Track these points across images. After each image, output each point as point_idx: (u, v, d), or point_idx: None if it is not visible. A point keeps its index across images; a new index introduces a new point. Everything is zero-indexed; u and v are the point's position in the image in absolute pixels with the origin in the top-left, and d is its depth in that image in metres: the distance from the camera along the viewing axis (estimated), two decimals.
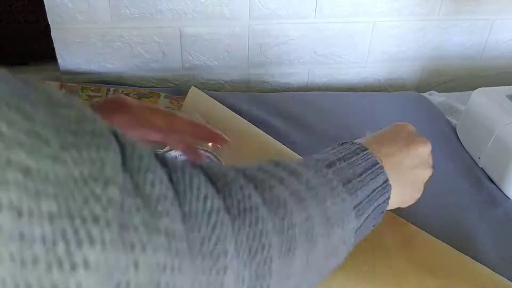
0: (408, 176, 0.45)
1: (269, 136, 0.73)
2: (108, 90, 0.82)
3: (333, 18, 0.89)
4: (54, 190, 0.18)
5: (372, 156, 0.41)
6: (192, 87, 0.83)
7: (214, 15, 0.85)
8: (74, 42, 0.85)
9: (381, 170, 0.40)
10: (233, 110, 0.79)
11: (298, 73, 0.95)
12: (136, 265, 0.20)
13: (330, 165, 0.38)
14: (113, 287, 0.19)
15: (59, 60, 0.87)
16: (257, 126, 0.77)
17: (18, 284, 0.16)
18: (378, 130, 0.49)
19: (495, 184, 0.70)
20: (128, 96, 0.81)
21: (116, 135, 0.23)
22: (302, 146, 0.72)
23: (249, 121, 0.77)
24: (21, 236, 0.17)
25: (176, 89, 0.86)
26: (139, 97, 0.81)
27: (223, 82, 0.94)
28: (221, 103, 0.81)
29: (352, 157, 0.40)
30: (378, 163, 0.41)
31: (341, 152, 0.40)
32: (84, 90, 0.81)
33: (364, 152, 0.41)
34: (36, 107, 0.19)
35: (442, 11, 0.91)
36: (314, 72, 0.95)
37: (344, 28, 0.90)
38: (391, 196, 0.41)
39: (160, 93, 0.83)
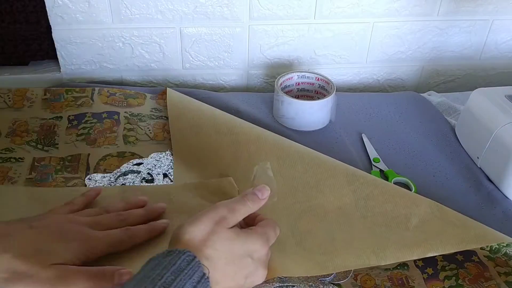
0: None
1: (257, 126, 0.72)
2: (93, 89, 0.82)
3: (332, 19, 0.89)
4: None
5: (198, 269, 0.39)
6: (167, 88, 0.83)
7: (214, 15, 0.86)
8: (74, 42, 0.85)
9: (207, 282, 0.40)
10: (233, 110, 0.79)
11: None
12: None
13: None
14: None
15: (60, 60, 0.87)
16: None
17: None
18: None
19: (494, 184, 0.70)
20: (114, 96, 0.81)
21: None
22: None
23: (248, 122, 0.77)
24: None
25: (162, 89, 0.86)
26: (126, 97, 0.81)
27: (223, 82, 0.95)
28: (221, 103, 0.82)
29: (178, 276, 0.38)
30: (204, 274, 0.40)
31: (167, 273, 0.38)
32: (69, 92, 0.81)
33: (191, 265, 0.39)
34: None
35: (441, 11, 0.91)
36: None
37: (344, 28, 0.91)
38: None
39: (146, 94, 0.83)
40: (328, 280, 0.54)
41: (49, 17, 0.82)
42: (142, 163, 0.68)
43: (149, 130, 0.75)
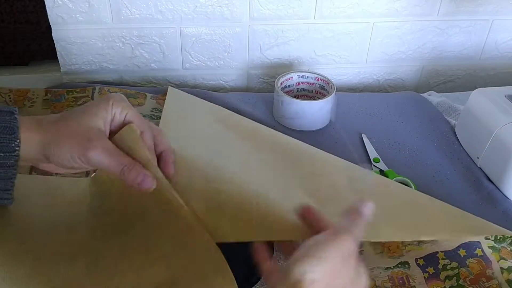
0: None
1: (257, 123, 0.71)
2: (94, 89, 0.82)
3: (332, 19, 0.89)
4: None
5: None
6: (169, 87, 0.82)
7: (214, 15, 0.86)
8: (75, 42, 0.85)
9: None
10: (233, 110, 0.79)
11: None
12: None
13: None
14: None
15: (60, 60, 0.87)
16: None
17: None
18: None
19: (494, 184, 0.70)
20: None
21: None
22: None
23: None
24: None
25: (162, 89, 0.86)
26: (126, 97, 0.80)
27: (223, 82, 0.95)
28: (221, 103, 0.81)
29: None
30: None
31: None
32: (70, 93, 0.81)
33: None
34: None
35: (441, 11, 0.92)
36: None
37: (344, 28, 0.91)
38: None
39: (147, 93, 0.83)
40: None
41: (49, 17, 0.82)
42: None
43: None
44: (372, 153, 0.75)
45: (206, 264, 0.48)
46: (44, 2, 0.80)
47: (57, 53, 0.86)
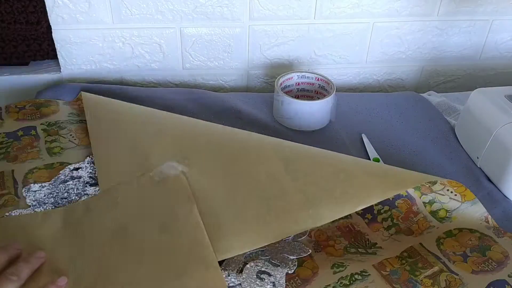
0: None
1: (185, 116, 0.73)
2: (0, 108, 0.76)
3: (332, 19, 0.89)
4: None
5: None
6: (81, 92, 0.79)
7: (214, 15, 0.86)
8: (75, 42, 0.85)
9: None
10: (233, 110, 0.79)
11: None
12: None
13: None
14: None
15: (60, 60, 0.87)
16: (256, 127, 0.77)
17: None
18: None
19: (493, 184, 0.70)
20: (25, 109, 0.76)
21: None
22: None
23: (248, 122, 0.77)
24: None
25: (74, 95, 0.82)
26: (37, 107, 0.77)
27: (223, 82, 0.95)
28: (221, 103, 0.82)
29: None
30: None
31: None
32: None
33: None
34: None
35: (441, 11, 0.92)
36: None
37: (344, 28, 0.91)
38: None
39: (58, 100, 0.79)
40: (291, 239, 0.58)
41: (49, 17, 0.82)
42: (81, 168, 0.65)
43: (72, 136, 0.71)
44: (372, 153, 0.75)
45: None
46: (44, 2, 0.80)
47: (57, 53, 0.86)
